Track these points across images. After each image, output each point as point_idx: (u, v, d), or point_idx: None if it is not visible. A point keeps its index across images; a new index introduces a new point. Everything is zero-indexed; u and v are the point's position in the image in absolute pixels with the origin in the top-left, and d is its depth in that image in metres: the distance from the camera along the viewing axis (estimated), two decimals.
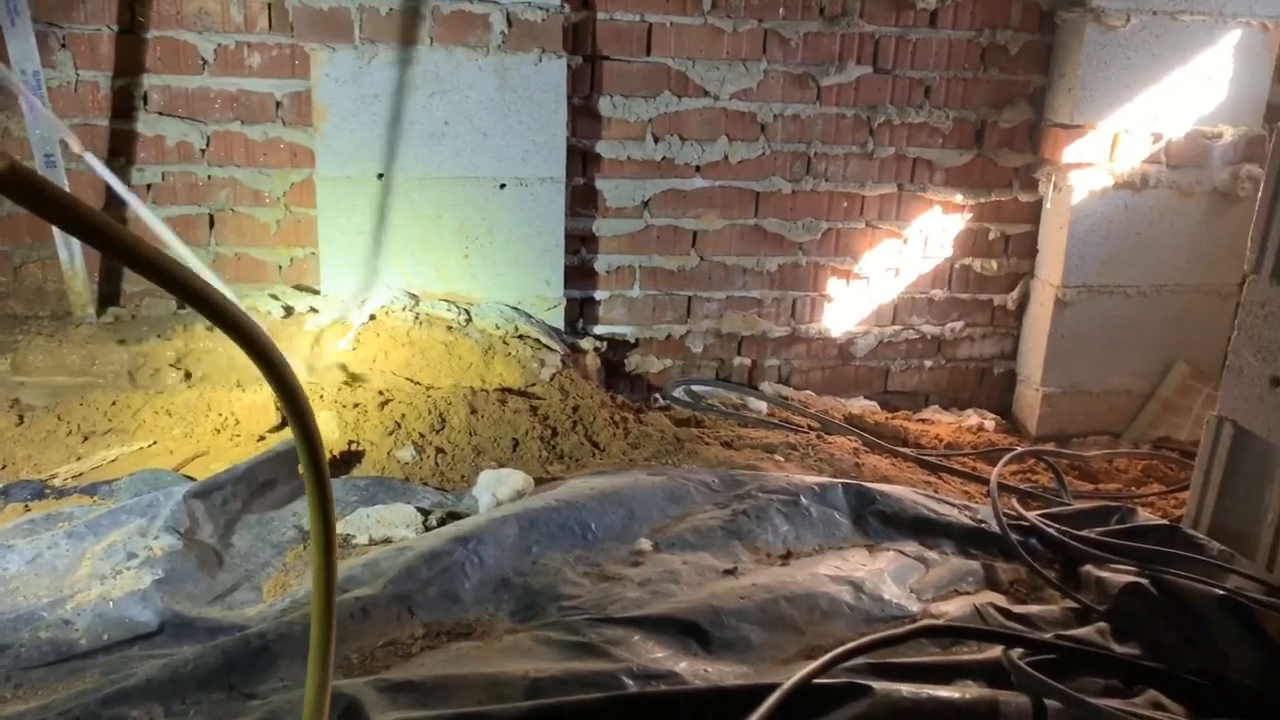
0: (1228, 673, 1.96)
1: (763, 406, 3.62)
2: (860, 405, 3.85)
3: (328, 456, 2.57)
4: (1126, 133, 3.56)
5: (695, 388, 3.69)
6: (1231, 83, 3.57)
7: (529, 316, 3.33)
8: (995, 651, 1.91)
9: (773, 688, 1.63)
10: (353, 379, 2.95)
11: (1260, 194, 2.43)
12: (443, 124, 3.17)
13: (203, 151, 3.26)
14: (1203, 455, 2.56)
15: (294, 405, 1.10)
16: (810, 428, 3.40)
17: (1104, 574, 2.25)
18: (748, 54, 3.46)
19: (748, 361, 3.83)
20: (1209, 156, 3.62)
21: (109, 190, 2.92)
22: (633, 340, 3.69)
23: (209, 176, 3.29)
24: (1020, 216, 3.78)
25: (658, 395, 3.65)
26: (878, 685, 1.69)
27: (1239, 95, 3.58)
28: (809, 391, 3.85)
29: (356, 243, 3.22)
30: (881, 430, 3.60)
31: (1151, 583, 2.14)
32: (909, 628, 1.88)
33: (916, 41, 3.53)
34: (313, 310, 3.19)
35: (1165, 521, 2.45)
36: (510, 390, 3.07)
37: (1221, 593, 2.06)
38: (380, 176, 3.19)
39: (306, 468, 1.15)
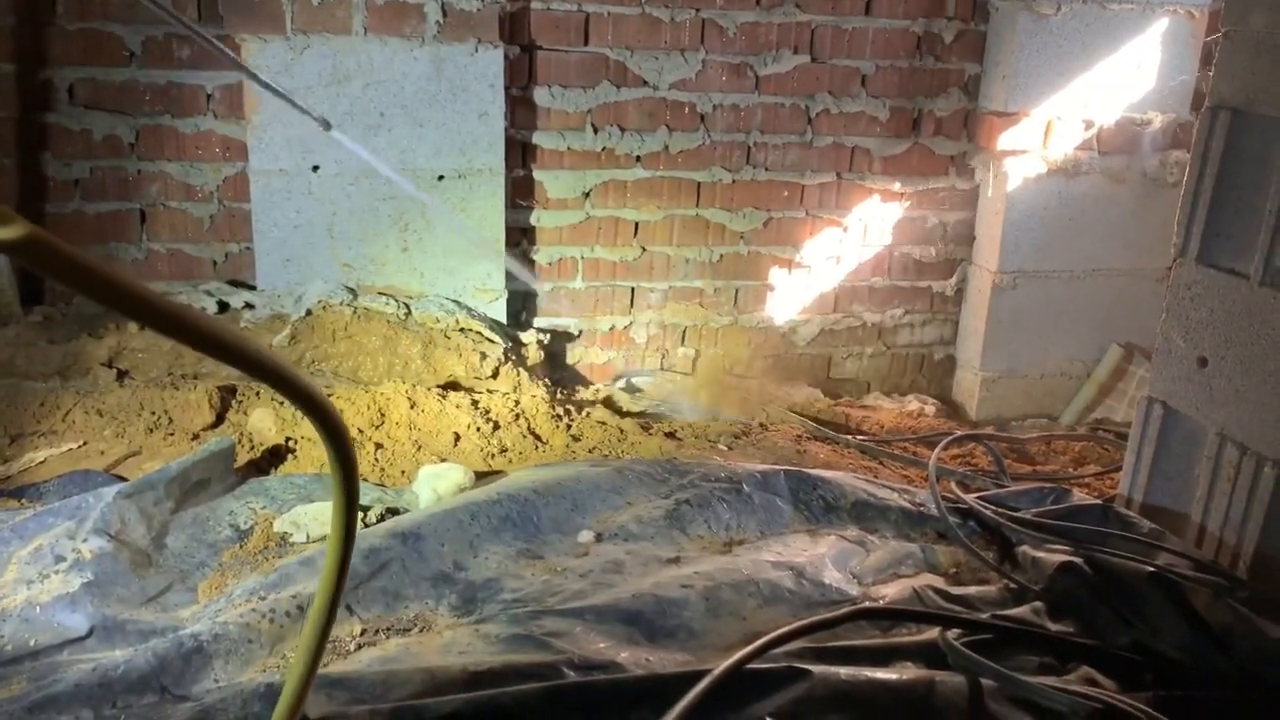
0: (1158, 647, 2.00)
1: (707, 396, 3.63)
2: (804, 393, 3.87)
3: (262, 451, 2.54)
4: (1059, 120, 3.62)
5: (637, 379, 3.69)
6: (1160, 70, 3.64)
7: (470, 309, 3.31)
8: (933, 633, 1.93)
9: (708, 673, 1.64)
10: None
11: (1185, 179, 2.48)
12: (379, 115, 3.14)
13: (132, 146, 3.19)
14: (1134, 435, 2.61)
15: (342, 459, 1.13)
16: (753, 416, 3.41)
17: (1040, 554, 2.28)
18: (686, 44, 3.46)
19: (691, 351, 3.83)
20: (1139, 143, 3.69)
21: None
22: (576, 332, 3.68)
23: (139, 171, 3.22)
24: (957, 204, 3.83)
25: (599, 387, 3.65)
26: (816, 669, 1.70)
27: (1167, 83, 3.65)
28: (753, 380, 3.87)
29: (292, 237, 3.17)
30: (824, 417, 3.62)
31: (1085, 561, 2.18)
32: (843, 611, 1.89)
33: (852, 30, 3.55)
34: (248, 306, 3.14)
35: (1098, 501, 2.50)
36: (452, 384, 3.04)
37: (1151, 570, 2.10)
38: (315, 169, 3.14)
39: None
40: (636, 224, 3.62)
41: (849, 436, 3.35)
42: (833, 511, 2.56)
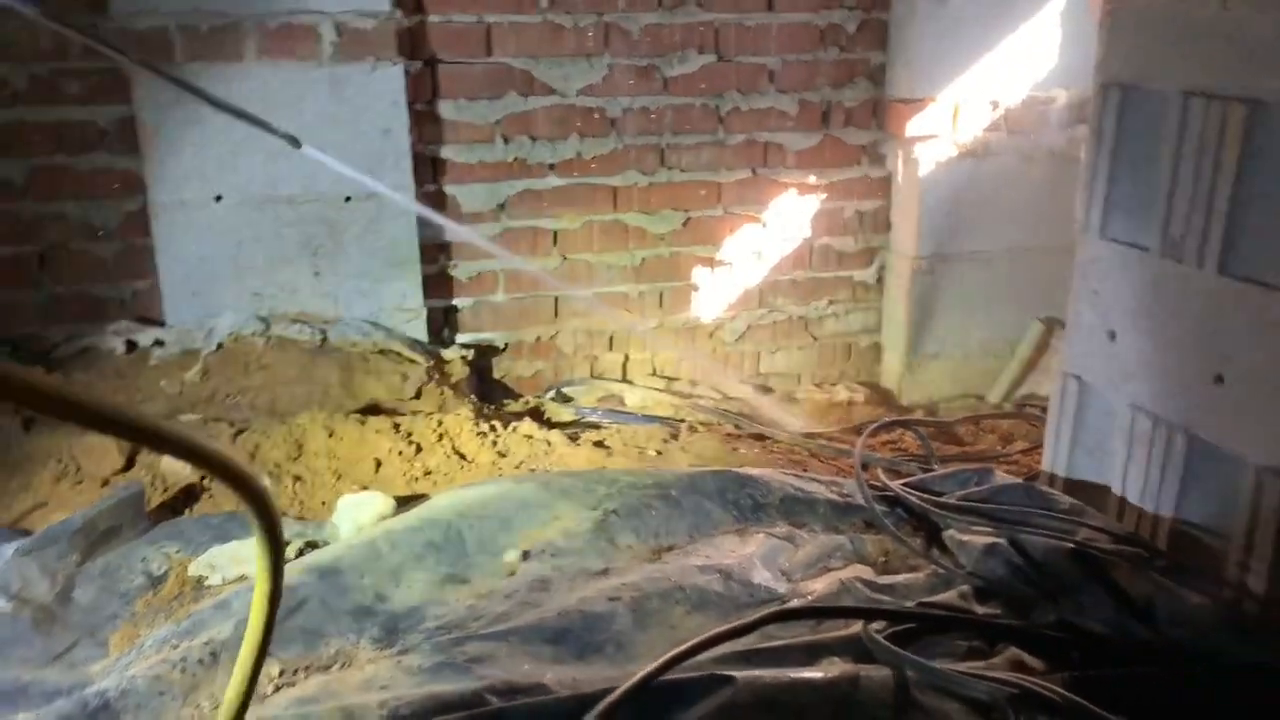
0: (1083, 623, 2.02)
1: (636, 401, 3.61)
2: (735, 390, 3.87)
3: (175, 492, 2.47)
4: (966, 103, 3.65)
5: (567, 389, 3.67)
6: (1061, 47, 3.69)
7: (389, 331, 3.25)
8: (859, 627, 1.93)
9: (646, 683, 1.62)
10: (202, 410, 2.84)
11: (1084, 153, 2.51)
12: (280, 141, 3.07)
13: (25, 189, 3.09)
14: (1052, 411, 2.64)
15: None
16: (683, 419, 3.40)
17: (966, 537, 2.30)
18: (591, 49, 3.44)
19: (620, 357, 3.81)
20: (1045, 121, 3.74)
21: None
22: (501, 346, 3.64)
23: (36, 213, 3.12)
24: (872, 192, 3.85)
25: (529, 400, 3.61)
26: (740, 674, 1.69)
27: (1069, 59, 3.69)
28: (684, 381, 3.86)
29: (198, 269, 3.10)
30: (755, 413, 3.62)
31: (1009, 542, 2.19)
32: (755, 617, 1.88)
33: (756, 27, 3.55)
34: (158, 343, 3.05)
35: (1020, 480, 2.52)
36: (374, 408, 2.99)
37: (1072, 546, 2.12)
38: (218, 199, 3.07)
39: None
40: (555, 233, 3.59)
41: (779, 432, 3.35)
42: (761, 509, 2.56)
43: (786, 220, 3.81)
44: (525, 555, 2.29)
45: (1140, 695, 1.70)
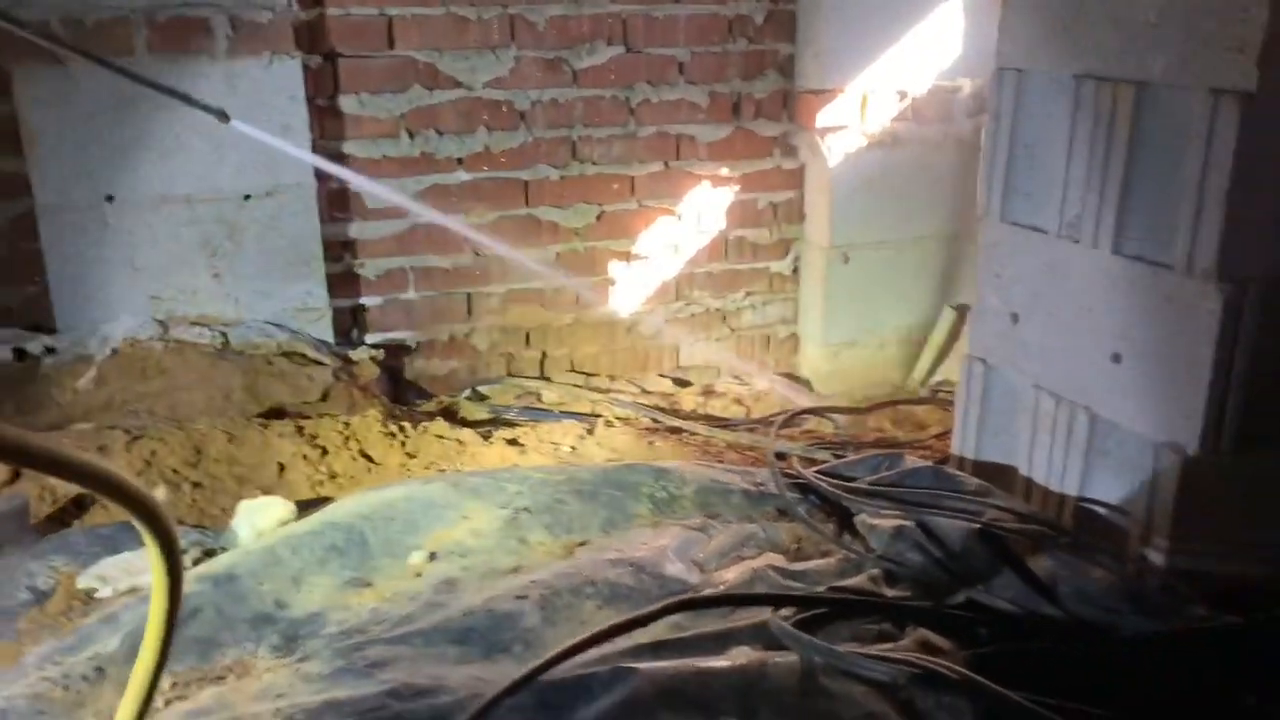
0: (990, 602, 2.03)
1: (553, 397, 3.57)
2: (653, 384, 3.85)
3: (64, 503, 2.37)
4: (874, 93, 3.68)
5: (483, 387, 3.61)
6: (966, 37, 3.73)
7: (294, 332, 3.17)
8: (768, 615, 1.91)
9: (530, 679, 1.59)
10: (98, 417, 2.73)
11: (983, 140, 2.53)
12: (174, 138, 2.97)
13: None
14: (960, 395, 2.67)
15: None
16: (599, 414, 3.37)
17: (876, 522, 2.30)
18: (497, 41, 3.39)
19: (537, 354, 3.77)
20: (951, 110, 3.78)
21: None
22: (413, 344, 3.57)
23: None
24: (785, 183, 3.86)
25: (443, 399, 3.55)
26: (644, 666, 1.66)
27: (974, 49, 3.73)
28: (602, 376, 3.83)
29: (91, 273, 2.98)
30: (673, 407, 3.61)
31: (917, 525, 2.20)
32: (654, 608, 1.86)
33: (664, 18, 3.53)
34: (49, 350, 2.93)
35: (928, 463, 2.53)
36: (278, 412, 2.91)
37: (978, 526, 2.14)
38: (110, 199, 2.96)
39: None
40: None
41: (696, 424, 3.34)
42: (676, 501, 2.54)
43: (701, 213, 3.80)
44: (432, 556, 2.24)
45: (1042, 669, 1.71)
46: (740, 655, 1.79)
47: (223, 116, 2.85)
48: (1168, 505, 2.11)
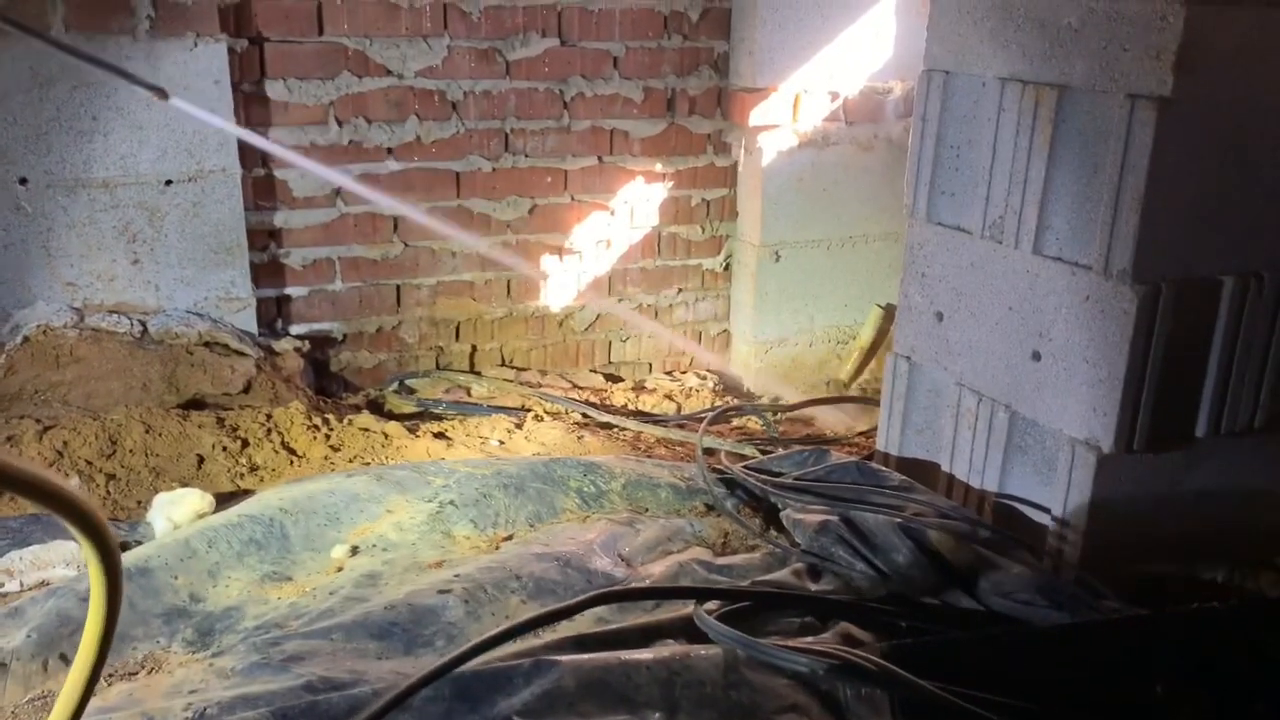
0: (911, 595, 2.06)
1: (483, 391, 3.54)
2: (585, 379, 3.84)
3: None
4: (807, 93, 3.71)
5: (412, 380, 3.57)
6: (897, 40, 3.78)
7: (216, 321, 3.10)
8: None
9: (445, 671, 1.57)
10: (7, 407, 2.64)
11: (910, 141, 2.57)
12: (91, 119, 2.88)
13: None
14: (885, 392, 2.70)
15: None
16: (528, 408, 3.35)
17: (800, 516, 2.31)
18: (429, 30, 3.34)
19: (467, 347, 3.73)
20: (883, 111, 3.83)
21: None
22: (340, 336, 3.51)
23: None
24: (718, 181, 3.87)
25: (370, 392, 3.50)
26: (566, 659, 1.65)
27: (905, 51, 3.78)
28: (533, 371, 3.81)
29: (3, 258, 2.88)
30: (604, 402, 3.60)
31: (840, 519, 2.22)
32: (578, 600, 1.85)
33: (599, 12, 3.52)
34: None
35: (853, 459, 2.56)
36: (198, 403, 2.84)
37: (899, 521, 2.16)
38: (23, 182, 2.87)
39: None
40: (395, 219, 3.48)
41: (626, 420, 3.34)
42: (604, 495, 2.54)
43: (634, 208, 3.79)
44: (354, 550, 2.21)
45: (959, 660, 1.74)
46: (664, 648, 1.79)
47: (161, 94, 2.77)
48: (1083, 502, 2.16)
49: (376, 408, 3.31)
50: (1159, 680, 1.77)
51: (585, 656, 1.68)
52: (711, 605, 1.91)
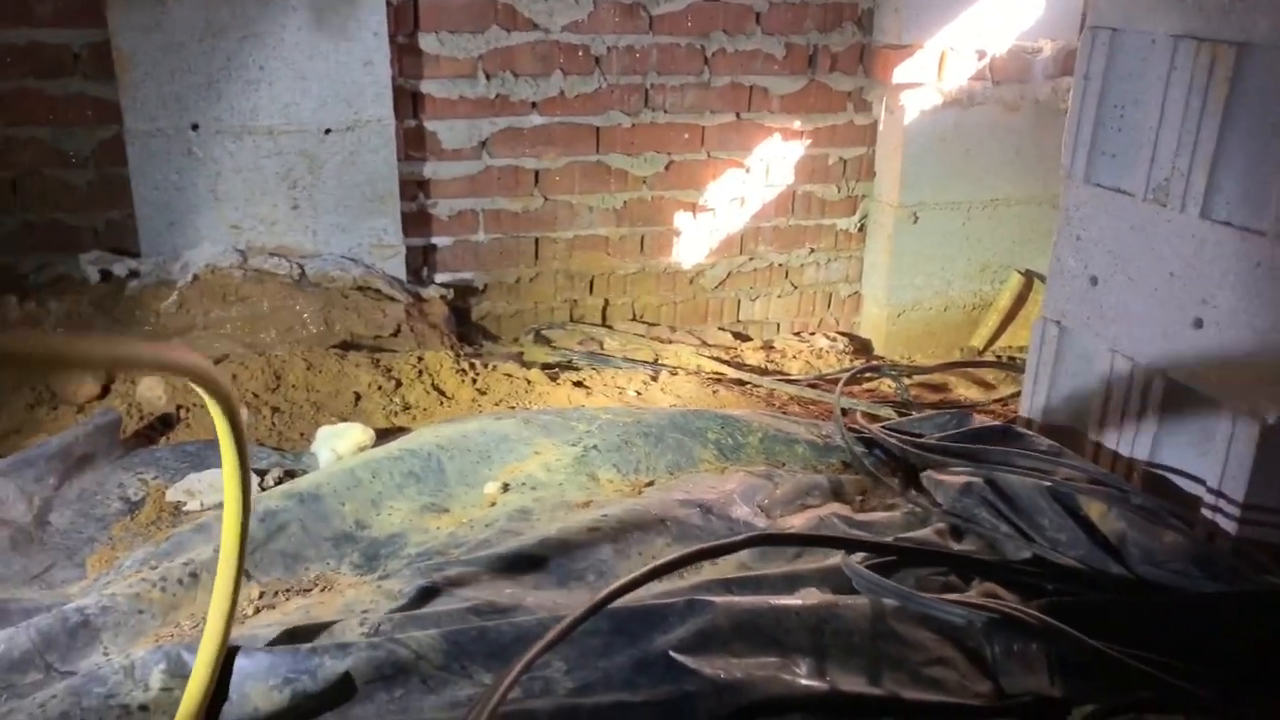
0: (1056, 559, 2.04)
1: (615, 345, 3.60)
2: (713, 336, 3.87)
3: (151, 420, 2.45)
4: (953, 51, 3.63)
5: (547, 331, 3.65)
6: None
7: (369, 267, 3.22)
8: (837, 559, 1.94)
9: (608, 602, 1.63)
10: (181, 340, 2.80)
11: (1071, 98, 2.50)
12: (258, 69, 3.02)
13: None
14: (1032, 356, 2.66)
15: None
16: (664, 362, 3.40)
17: (942, 477, 2.31)
18: None
19: (600, 301, 3.80)
20: (1031, 71, 3.73)
21: None
22: (480, 286, 3.61)
23: (6, 138, 3.05)
24: (857, 139, 3.83)
25: (508, 341, 3.59)
26: (719, 599, 1.70)
27: (1056, 9, 3.68)
28: (663, 326, 3.86)
29: (175, 200, 3.05)
30: (734, 360, 3.63)
31: (985, 481, 2.21)
32: (740, 538, 1.89)
33: None
34: (133, 274, 3.01)
35: (998, 423, 2.54)
36: (352, 344, 2.97)
37: (1047, 485, 2.14)
38: (195, 128, 3.02)
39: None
40: (537, 172, 3.56)
41: (759, 376, 3.36)
42: (741, 449, 2.57)
43: (770, 166, 3.79)
44: (505, 487, 2.29)
45: (1109, 621, 1.72)
46: (811, 595, 1.82)
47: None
48: (1242, 475, 2.10)
49: (514, 356, 3.40)
50: None
51: (736, 599, 1.72)
52: (857, 558, 1.93)
